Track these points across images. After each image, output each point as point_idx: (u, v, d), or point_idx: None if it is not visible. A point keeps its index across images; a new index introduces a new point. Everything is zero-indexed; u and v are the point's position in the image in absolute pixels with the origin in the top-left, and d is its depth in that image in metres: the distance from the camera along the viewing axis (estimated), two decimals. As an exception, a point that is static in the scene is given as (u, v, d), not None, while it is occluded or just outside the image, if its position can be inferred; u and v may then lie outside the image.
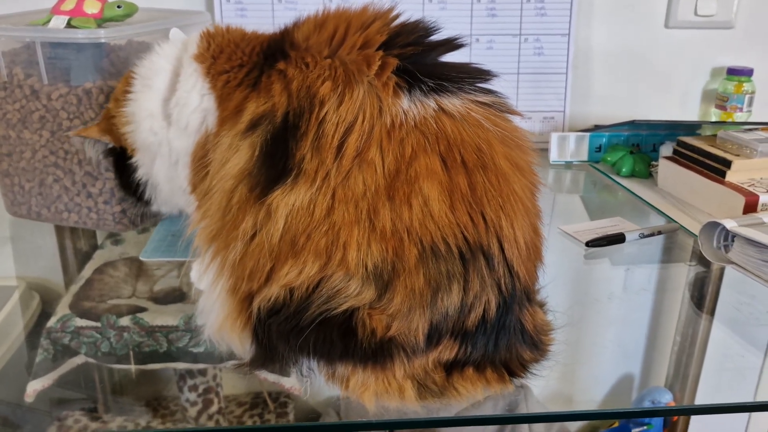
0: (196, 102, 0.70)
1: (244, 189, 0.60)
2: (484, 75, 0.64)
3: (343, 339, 0.57)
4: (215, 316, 0.64)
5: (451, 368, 0.59)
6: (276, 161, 0.59)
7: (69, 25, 0.89)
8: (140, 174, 0.81)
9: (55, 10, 0.90)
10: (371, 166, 0.56)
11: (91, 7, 0.90)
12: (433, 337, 0.57)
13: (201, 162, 0.69)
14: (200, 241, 0.66)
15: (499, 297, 0.58)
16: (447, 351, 0.58)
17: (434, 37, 0.65)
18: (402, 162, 0.56)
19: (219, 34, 0.73)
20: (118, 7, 0.91)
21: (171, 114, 0.73)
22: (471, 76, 0.63)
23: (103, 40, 0.86)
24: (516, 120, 0.65)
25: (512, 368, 0.62)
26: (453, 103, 0.59)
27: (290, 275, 0.57)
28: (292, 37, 0.65)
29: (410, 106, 0.58)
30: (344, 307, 0.56)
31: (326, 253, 0.56)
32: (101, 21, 0.90)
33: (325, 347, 0.57)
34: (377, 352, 0.57)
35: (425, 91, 0.59)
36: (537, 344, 0.63)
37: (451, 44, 0.65)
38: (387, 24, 0.63)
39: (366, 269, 0.56)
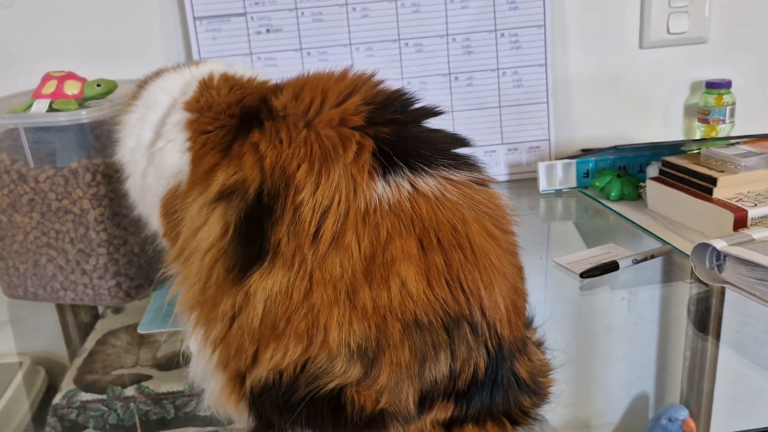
0: (177, 158, 0.69)
1: (221, 269, 0.60)
2: (461, 144, 0.64)
3: (333, 415, 0.57)
4: (212, 387, 0.64)
5: (449, 426, 0.59)
6: (251, 242, 0.59)
7: (51, 108, 0.90)
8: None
9: (36, 95, 0.91)
10: (348, 250, 0.56)
11: (72, 88, 0.92)
12: (425, 403, 0.57)
13: (172, 215, 0.68)
14: (181, 307, 0.65)
15: (487, 358, 0.58)
16: (442, 411, 0.58)
17: (413, 109, 0.64)
18: (377, 246, 0.56)
19: (214, 87, 0.71)
20: (98, 85, 0.92)
21: (154, 155, 0.72)
22: (447, 151, 0.62)
23: (85, 121, 0.88)
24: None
25: (513, 416, 0.61)
26: (428, 183, 0.59)
27: (275, 359, 0.57)
28: (270, 103, 0.64)
29: (384, 190, 0.57)
30: (331, 385, 0.56)
31: (307, 336, 0.56)
32: (82, 101, 0.92)
33: (317, 422, 0.57)
34: (370, 424, 0.56)
35: (400, 174, 0.58)
36: (535, 390, 0.62)
37: (429, 114, 0.64)
38: (365, 99, 0.62)
39: (349, 349, 0.55)
